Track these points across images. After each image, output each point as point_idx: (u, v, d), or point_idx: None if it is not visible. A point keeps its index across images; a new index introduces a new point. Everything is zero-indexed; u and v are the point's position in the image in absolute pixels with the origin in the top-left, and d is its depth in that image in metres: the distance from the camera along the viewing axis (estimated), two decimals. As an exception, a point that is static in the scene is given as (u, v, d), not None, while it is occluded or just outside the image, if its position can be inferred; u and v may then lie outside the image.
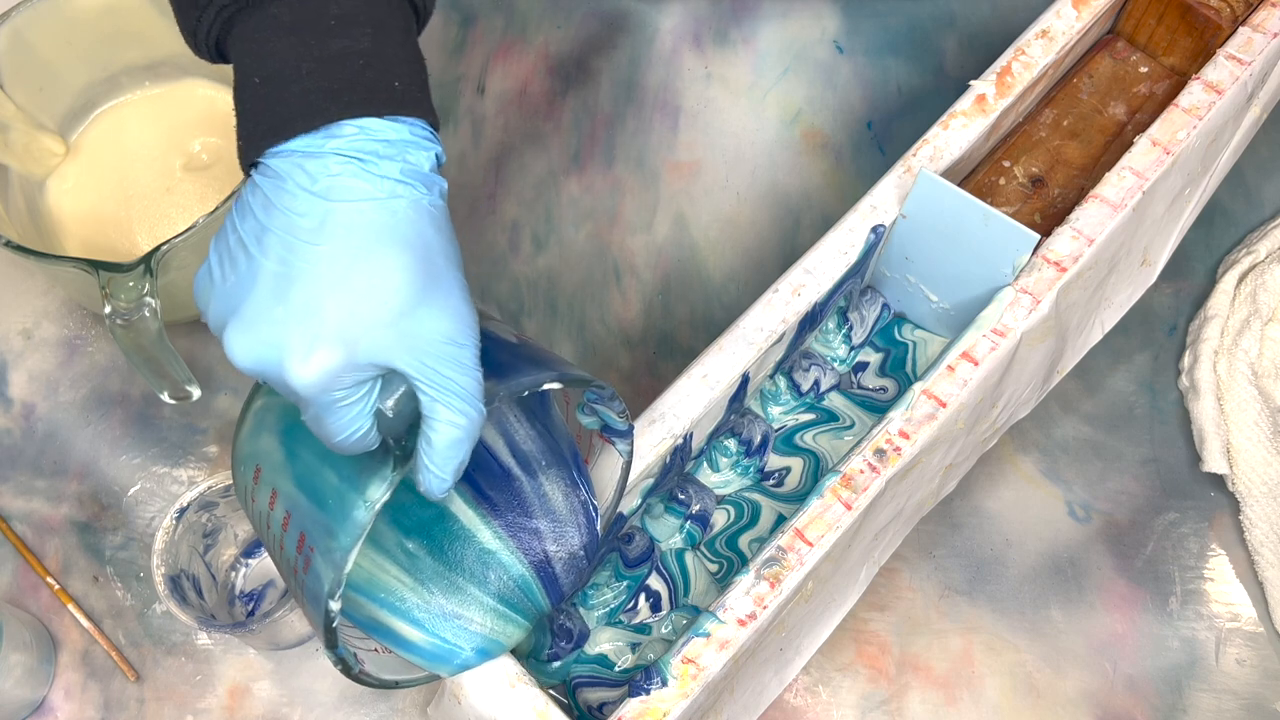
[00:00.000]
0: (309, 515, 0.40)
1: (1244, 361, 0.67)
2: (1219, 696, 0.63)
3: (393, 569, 0.48)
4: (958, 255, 0.58)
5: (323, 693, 0.62)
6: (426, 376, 0.38)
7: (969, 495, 0.66)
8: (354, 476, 0.39)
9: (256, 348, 0.37)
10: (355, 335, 0.37)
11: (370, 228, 0.37)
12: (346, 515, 0.39)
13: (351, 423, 0.38)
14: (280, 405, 0.42)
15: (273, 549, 0.43)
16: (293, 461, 0.41)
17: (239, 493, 0.44)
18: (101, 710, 0.62)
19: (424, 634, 0.48)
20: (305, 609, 0.42)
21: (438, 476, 0.39)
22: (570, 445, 0.50)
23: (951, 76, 0.78)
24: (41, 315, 0.71)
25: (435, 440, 0.39)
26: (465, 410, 0.39)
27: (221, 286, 0.38)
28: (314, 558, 0.40)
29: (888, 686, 0.63)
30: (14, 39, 0.64)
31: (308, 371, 0.37)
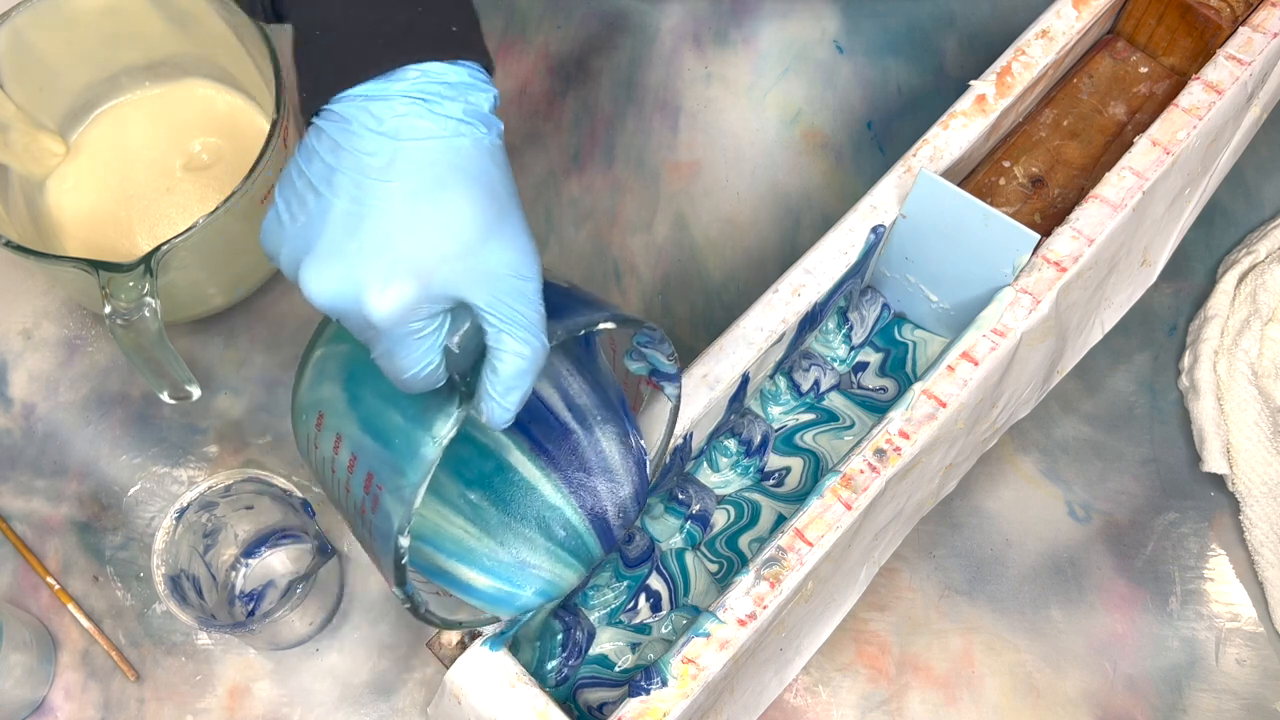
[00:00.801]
0: (375, 456, 0.41)
1: (1244, 361, 0.67)
2: (1219, 696, 0.63)
3: (457, 520, 0.49)
4: (958, 255, 0.58)
5: (323, 693, 0.62)
6: (494, 308, 0.39)
7: (969, 495, 0.66)
8: (419, 415, 0.40)
9: (334, 283, 0.38)
10: (429, 268, 0.38)
11: (438, 164, 0.39)
12: (414, 453, 0.40)
13: (423, 357, 0.39)
14: (340, 354, 0.43)
15: (337, 493, 0.44)
16: (356, 406, 0.42)
17: (300, 443, 0.45)
18: (101, 710, 0.62)
19: (487, 579, 0.49)
20: (373, 550, 0.43)
21: (501, 406, 0.40)
22: (618, 393, 0.51)
23: (951, 76, 0.78)
24: (41, 315, 0.71)
25: (501, 370, 0.40)
26: (530, 341, 0.40)
27: (292, 228, 0.40)
28: (382, 496, 0.41)
29: (888, 686, 0.63)
30: (14, 39, 0.64)
31: (385, 303, 0.38)
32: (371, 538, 0.43)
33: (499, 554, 0.49)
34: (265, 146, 0.60)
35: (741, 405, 0.61)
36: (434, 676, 0.63)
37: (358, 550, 0.65)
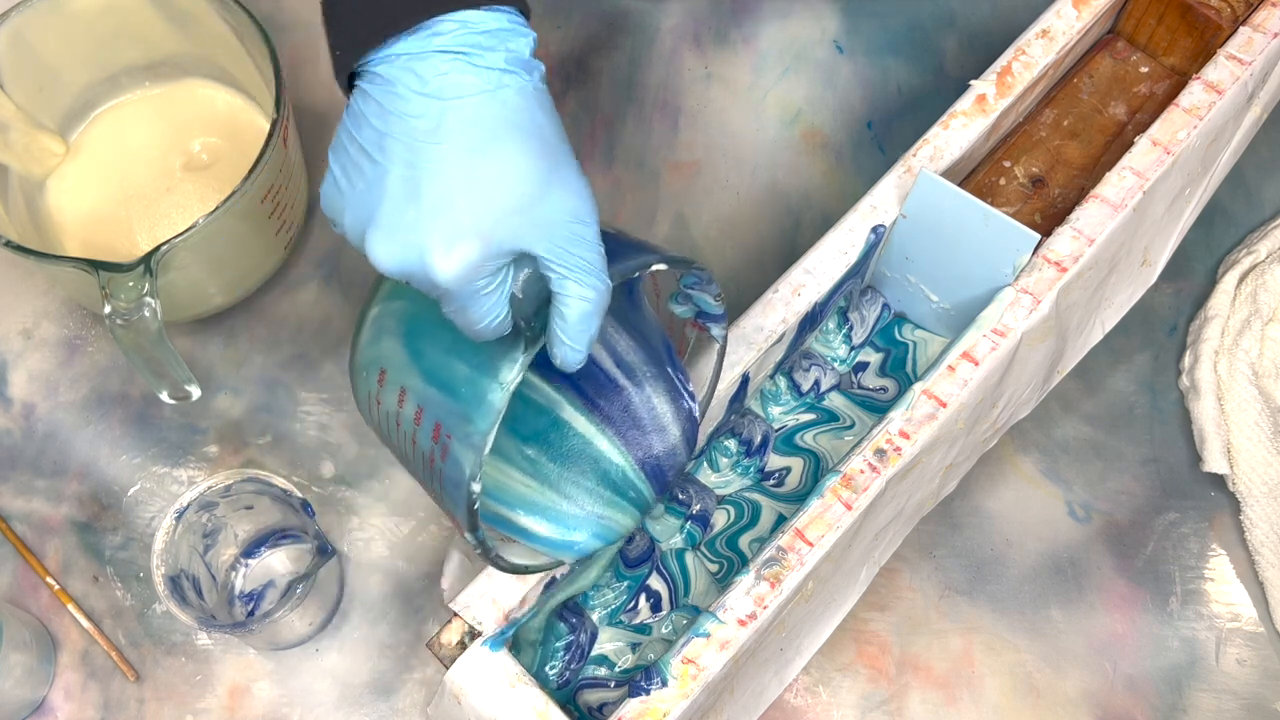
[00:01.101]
0: (442, 406, 0.42)
1: (1244, 361, 0.67)
2: (1219, 696, 0.63)
3: (516, 474, 0.51)
4: (958, 255, 0.58)
5: (322, 693, 0.62)
6: (557, 256, 0.40)
7: (969, 495, 0.66)
8: (484, 364, 0.41)
9: (399, 250, 0.39)
10: (490, 225, 0.38)
11: (486, 121, 0.39)
12: (481, 400, 0.41)
13: (491, 309, 0.40)
14: (398, 310, 0.44)
15: (402, 446, 0.45)
16: (419, 359, 0.43)
17: (360, 400, 0.46)
18: (101, 710, 0.62)
19: (548, 527, 0.50)
20: (442, 499, 0.44)
21: (573, 349, 0.41)
22: (663, 339, 0.52)
23: (951, 76, 0.78)
24: (41, 315, 0.71)
25: (568, 314, 0.40)
26: (594, 285, 0.40)
27: (352, 195, 0.40)
28: (451, 445, 0.42)
29: (888, 686, 0.63)
30: (14, 39, 0.64)
31: (450, 265, 0.38)
32: (441, 487, 0.43)
33: (558, 504, 0.51)
34: (265, 146, 0.60)
35: (741, 405, 0.61)
36: (434, 676, 0.63)
37: (358, 550, 0.65)
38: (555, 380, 0.52)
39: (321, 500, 0.66)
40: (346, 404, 0.68)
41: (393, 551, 0.65)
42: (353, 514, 0.66)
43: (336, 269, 0.72)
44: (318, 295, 0.71)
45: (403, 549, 0.65)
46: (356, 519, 0.66)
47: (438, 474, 0.43)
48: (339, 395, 0.69)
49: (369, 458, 0.67)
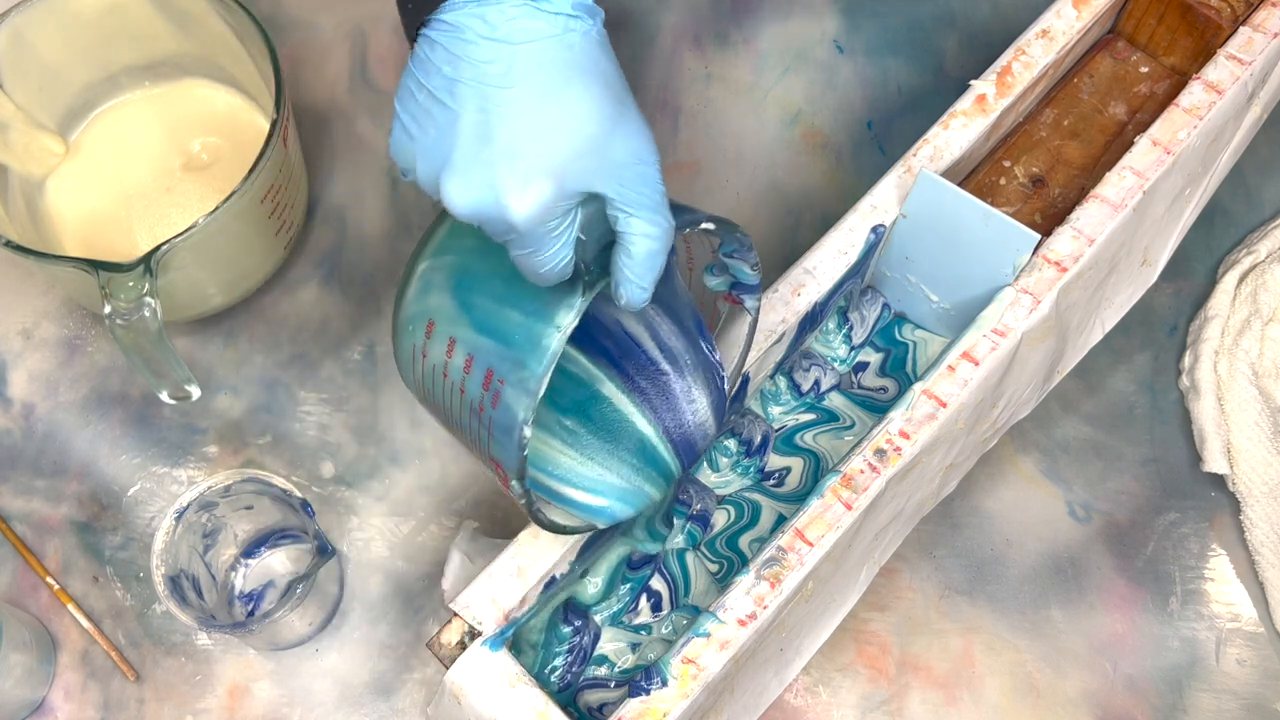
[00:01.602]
0: (494, 353, 0.43)
1: (1244, 361, 0.67)
2: (1219, 697, 0.63)
3: (554, 443, 0.52)
4: (958, 255, 0.58)
5: (322, 693, 0.62)
6: (623, 196, 0.41)
7: (969, 495, 0.66)
8: (539, 310, 0.42)
9: (474, 192, 0.40)
10: (561, 166, 0.39)
11: (555, 64, 0.39)
12: (536, 344, 0.42)
13: (559, 252, 0.41)
14: (446, 264, 0.45)
15: (448, 396, 0.45)
16: (469, 310, 0.44)
17: (402, 357, 0.47)
18: (101, 710, 0.62)
19: (581, 493, 0.52)
20: (490, 446, 0.45)
21: (639, 287, 0.42)
22: (693, 312, 0.53)
23: (951, 76, 0.78)
24: (41, 315, 0.71)
25: (635, 253, 0.41)
26: (659, 222, 0.41)
27: (423, 142, 0.41)
28: (504, 390, 0.43)
29: (888, 686, 0.63)
30: (14, 39, 0.64)
31: (524, 206, 0.39)
32: (490, 434, 0.44)
33: (591, 471, 0.52)
34: (265, 146, 0.60)
35: (742, 405, 0.61)
36: (434, 676, 0.63)
37: (357, 550, 0.65)
38: (593, 355, 0.53)
39: (321, 500, 0.66)
40: (346, 404, 0.69)
41: (393, 551, 0.65)
42: (353, 514, 0.66)
43: (336, 269, 0.72)
44: (318, 295, 0.71)
45: (403, 549, 0.65)
46: (356, 519, 0.66)
47: (487, 421, 0.44)
48: (339, 395, 0.69)
49: (369, 458, 0.67)
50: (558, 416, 0.52)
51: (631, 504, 0.52)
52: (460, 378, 0.44)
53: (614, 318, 0.53)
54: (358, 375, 0.69)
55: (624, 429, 0.53)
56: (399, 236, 0.73)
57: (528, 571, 0.51)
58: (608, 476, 0.52)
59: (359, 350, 0.70)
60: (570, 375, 0.53)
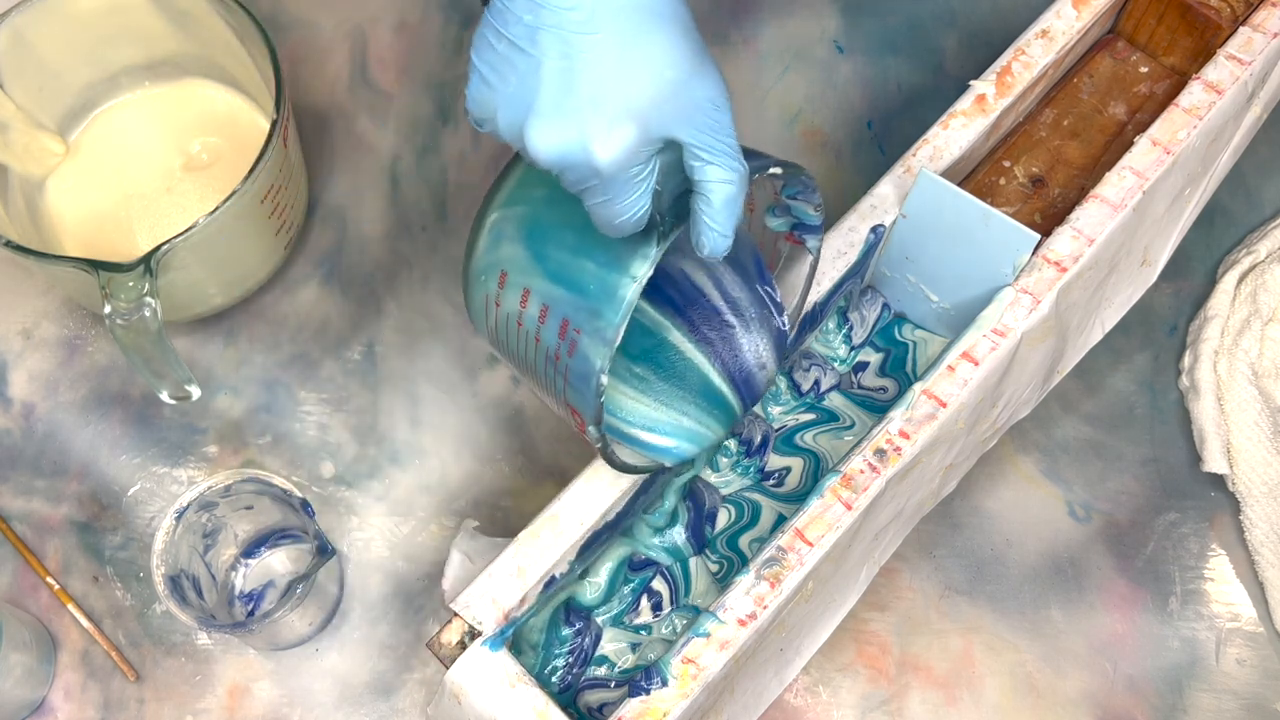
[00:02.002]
0: (570, 303, 0.44)
1: (1244, 361, 0.67)
2: (1219, 696, 0.63)
3: (625, 388, 0.53)
4: (958, 255, 0.58)
5: (322, 693, 0.62)
6: (701, 142, 0.41)
7: (969, 495, 0.66)
8: (613, 261, 0.43)
9: (559, 137, 0.40)
10: (644, 111, 0.40)
11: (635, 10, 0.40)
12: (612, 294, 0.43)
13: (638, 200, 0.41)
14: (517, 215, 0.46)
15: (522, 345, 0.46)
16: (542, 261, 0.45)
17: (474, 306, 0.48)
18: (101, 710, 0.62)
19: (650, 434, 0.53)
20: (566, 394, 0.46)
21: (720, 234, 0.43)
22: (754, 254, 0.54)
23: (951, 76, 0.78)
24: (41, 315, 0.71)
25: (714, 199, 0.42)
26: (736, 168, 0.42)
27: (504, 91, 0.41)
28: (580, 339, 0.44)
29: (888, 686, 0.63)
30: (14, 39, 0.64)
31: (609, 150, 0.40)
32: (566, 381, 0.45)
33: (660, 414, 0.53)
34: (265, 146, 0.60)
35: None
36: (434, 676, 0.63)
37: (358, 550, 0.65)
38: (660, 304, 0.54)
39: (321, 500, 0.66)
40: (346, 404, 0.69)
41: (393, 551, 0.65)
42: (353, 514, 0.66)
43: (336, 269, 0.72)
44: (318, 295, 0.71)
45: (403, 549, 0.65)
46: (356, 519, 0.66)
47: (563, 369, 0.45)
48: (339, 395, 0.69)
49: (369, 457, 0.67)
50: (628, 364, 0.54)
51: (696, 443, 0.54)
52: (535, 327, 0.45)
53: (679, 267, 0.54)
54: (358, 375, 0.69)
55: (690, 373, 0.54)
56: (399, 236, 0.73)
57: (528, 571, 0.51)
58: (675, 418, 0.54)
59: (359, 350, 0.70)
60: (639, 324, 0.54)
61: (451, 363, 0.70)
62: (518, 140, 0.41)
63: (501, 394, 0.69)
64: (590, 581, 0.59)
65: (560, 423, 0.68)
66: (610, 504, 0.53)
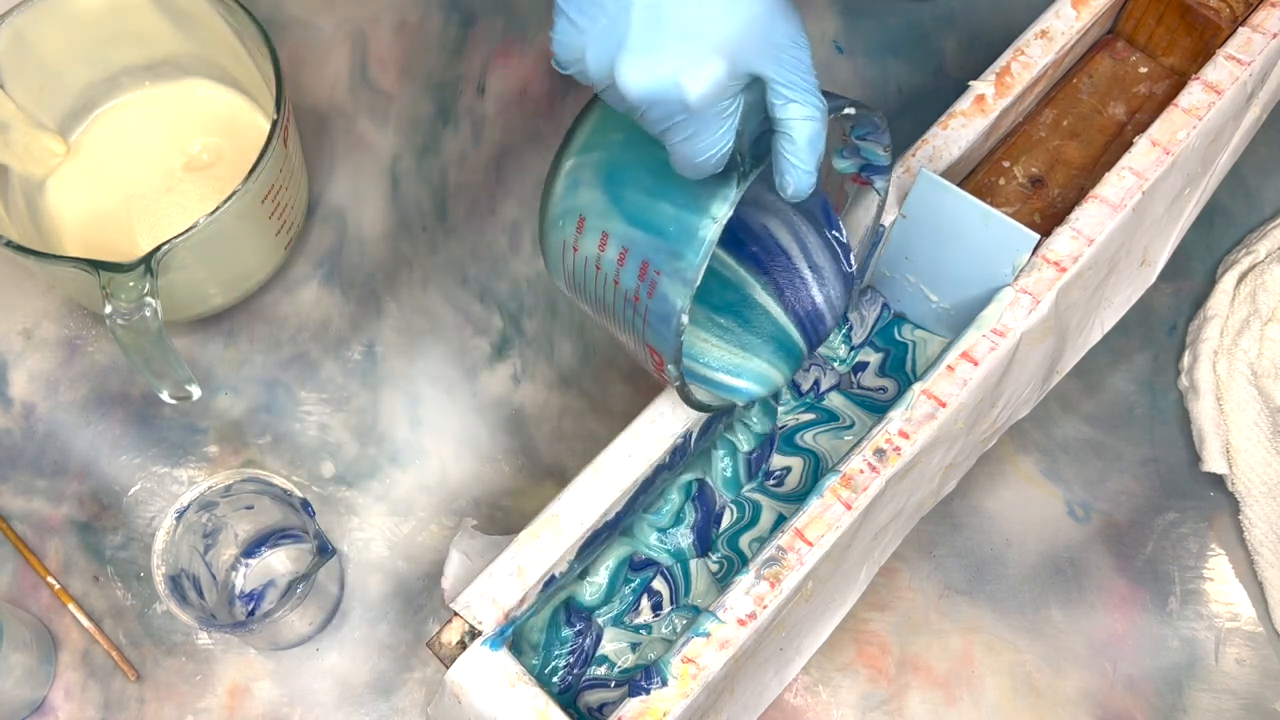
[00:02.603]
0: (649, 245, 0.45)
1: (1243, 361, 0.67)
2: (1219, 696, 0.63)
3: (705, 335, 0.55)
4: (957, 255, 0.58)
5: (323, 693, 0.63)
6: (784, 79, 0.42)
7: (969, 495, 0.66)
8: (691, 203, 0.44)
9: (650, 73, 0.40)
10: (732, 47, 0.40)
11: None
12: (692, 236, 0.44)
13: (723, 137, 0.42)
14: (594, 161, 0.47)
15: (601, 288, 0.47)
16: (620, 204, 0.46)
17: (551, 251, 0.49)
18: (102, 710, 0.62)
19: (724, 375, 0.55)
20: (646, 334, 0.47)
21: (805, 172, 0.43)
22: (822, 198, 0.54)
23: (951, 76, 0.78)
24: (41, 315, 0.71)
25: (797, 137, 0.43)
26: (817, 104, 0.42)
27: (593, 32, 0.41)
28: (660, 280, 0.45)
29: (888, 686, 0.63)
30: (14, 39, 0.64)
31: (699, 85, 0.40)
32: (646, 322, 0.46)
33: (735, 357, 0.55)
34: (265, 146, 0.60)
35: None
36: (434, 676, 0.63)
37: (358, 550, 0.65)
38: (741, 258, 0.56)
39: (321, 500, 0.66)
40: (346, 404, 0.69)
41: (393, 551, 0.65)
42: (353, 514, 0.66)
43: (336, 269, 0.72)
44: (318, 295, 0.71)
45: (403, 549, 0.65)
46: (356, 519, 0.66)
47: (643, 311, 0.46)
48: (339, 395, 0.69)
49: (369, 457, 0.67)
50: (710, 314, 0.55)
51: (765, 385, 0.55)
52: (614, 270, 0.46)
53: (759, 221, 0.55)
54: (358, 375, 0.69)
55: (765, 321, 0.56)
56: (399, 236, 0.73)
57: (528, 571, 0.51)
58: (748, 361, 0.55)
59: (359, 350, 0.70)
60: (720, 276, 0.56)
61: (451, 363, 0.70)
62: (606, 79, 0.41)
63: (501, 394, 0.69)
64: (591, 582, 0.59)
65: (560, 423, 0.68)
66: (610, 504, 0.53)
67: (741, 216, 0.55)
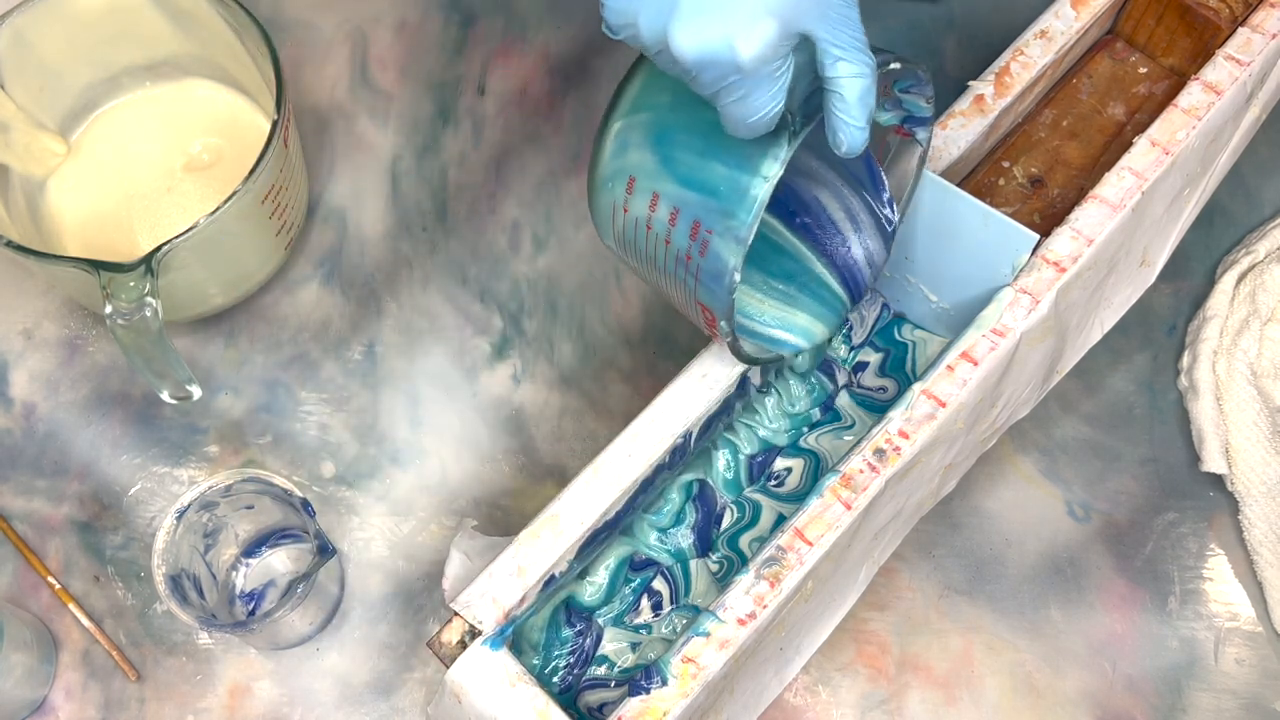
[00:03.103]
0: (701, 205, 0.45)
1: (1243, 361, 0.67)
2: (1218, 696, 0.63)
3: (760, 297, 0.57)
4: (957, 255, 0.58)
5: (323, 692, 0.63)
6: (835, 37, 0.42)
7: (969, 495, 0.66)
8: (743, 162, 0.45)
9: (704, 35, 0.41)
10: (783, 7, 0.41)
11: None
12: (743, 195, 0.44)
13: (774, 97, 0.42)
14: (643, 122, 0.47)
15: (652, 247, 0.48)
16: (670, 165, 0.46)
17: (600, 213, 0.50)
18: (102, 710, 0.62)
19: (775, 330, 0.56)
20: (698, 292, 0.48)
21: (857, 126, 0.44)
22: (866, 155, 0.55)
23: (951, 76, 0.78)
24: (42, 315, 0.71)
25: (848, 94, 0.43)
26: (867, 61, 0.43)
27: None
28: (711, 239, 0.46)
29: (887, 686, 0.63)
30: (15, 39, 0.64)
31: (752, 45, 0.41)
32: (698, 281, 0.47)
33: (782, 313, 0.57)
34: (266, 147, 0.60)
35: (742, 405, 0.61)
36: (434, 676, 0.63)
37: (358, 550, 0.65)
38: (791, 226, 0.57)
39: (322, 500, 0.66)
40: (347, 404, 0.69)
41: (393, 551, 0.65)
42: (353, 514, 0.66)
43: (337, 269, 0.72)
44: (318, 295, 0.71)
45: (403, 549, 0.65)
46: (356, 519, 0.66)
47: (694, 270, 0.47)
48: (339, 395, 0.69)
49: (369, 457, 0.67)
50: (768, 280, 0.57)
51: (809, 338, 0.57)
52: (665, 230, 0.47)
53: (810, 191, 0.57)
54: (358, 375, 0.69)
55: (812, 280, 0.57)
56: (399, 236, 0.73)
57: (528, 570, 0.51)
58: (794, 316, 0.57)
59: (359, 350, 0.70)
60: (772, 242, 0.57)
61: (451, 363, 0.70)
62: (659, 43, 0.42)
63: (501, 394, 0.69)
64: (591, 582, 0.59)
65: (560, 423, 0.68)
66: (610, 504, 0.53)
67: (793, 186, 0.57)
